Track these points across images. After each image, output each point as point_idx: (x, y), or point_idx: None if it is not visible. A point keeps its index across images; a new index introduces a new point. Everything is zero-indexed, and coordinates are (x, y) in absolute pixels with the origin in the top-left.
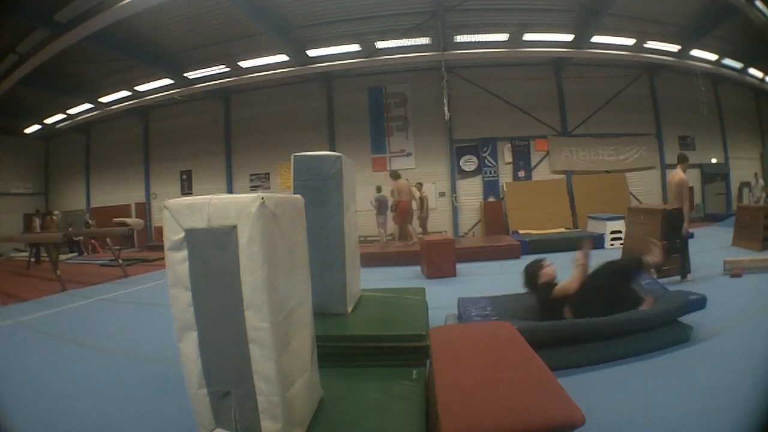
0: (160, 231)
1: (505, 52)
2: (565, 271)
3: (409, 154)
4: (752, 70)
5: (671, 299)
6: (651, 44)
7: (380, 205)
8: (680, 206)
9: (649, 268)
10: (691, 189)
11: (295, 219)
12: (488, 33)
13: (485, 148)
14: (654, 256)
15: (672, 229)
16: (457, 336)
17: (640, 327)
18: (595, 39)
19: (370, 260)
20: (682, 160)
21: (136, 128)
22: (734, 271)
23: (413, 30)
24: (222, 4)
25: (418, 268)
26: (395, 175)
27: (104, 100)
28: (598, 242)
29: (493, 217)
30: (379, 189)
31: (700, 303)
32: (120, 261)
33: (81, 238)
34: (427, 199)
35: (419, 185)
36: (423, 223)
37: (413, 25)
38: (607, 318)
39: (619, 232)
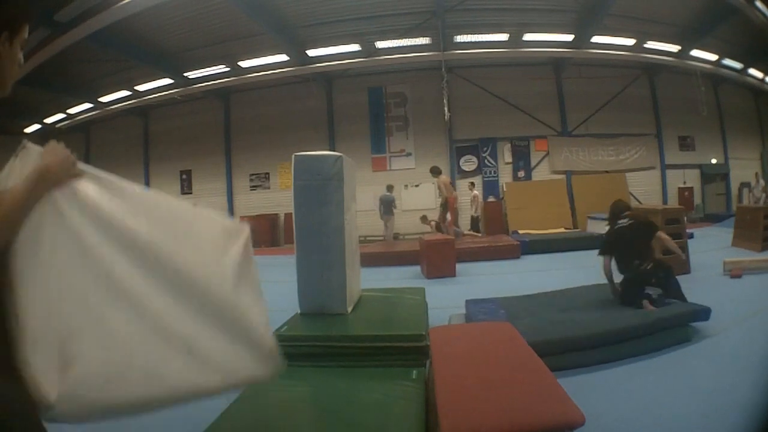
0: None
1: (505, 52)
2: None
3: (409, 154)
4: (752, 71)
5: (675, 307)
6: (651, 44)
7: (384, 205)
8: None
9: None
10: None
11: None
12: (488, 33)
13: (485, 148)
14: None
15: None
16: (456, 336)
17: (640, 333)
18: (595, 39)
19: (371, 260)
20: None
21: (136, 128)
22: (734, 271)
23: (413, 30)
24: (222, 3)
25: (418, 268)
26: (436, 171)
27: (104, 99)
28: (598, 242)
29: (493, 217)
30: (390, 188)
31: (703, 314)
32: None
33: None
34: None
35: (471, 185)
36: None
37: (413, 25)
38: (606, 323)
39: None
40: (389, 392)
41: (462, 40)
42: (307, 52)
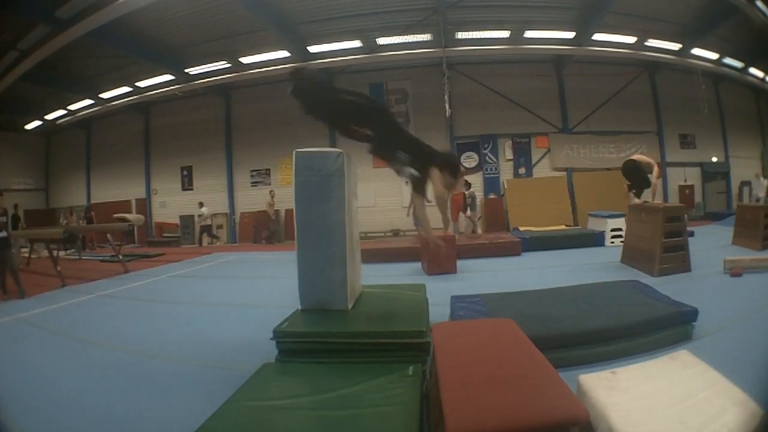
0: (160, 227)
1: (506, 49)
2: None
3: None
4: (753, 70)
5: (662, 308)
6: (652, 42)
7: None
8: None
9: None
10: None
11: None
12: (489, 30)
13: (486, 145)
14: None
15: None
16: (459, 332)
17: (628, 332)
18: (597, 36)
19: (371, 256)
20: None
21: (137, 124)
22: (734, 270)
23: (414, 26)
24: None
25: (419, 264)
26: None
27: (105, 96)
28: (598, 240)
29: (494, 214)
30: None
31: (691, 315)
32: (120, 257)
33: None
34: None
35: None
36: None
37: (414, 21)
38: (586, 322)
39: (620, 229)
40: (388, 387)
41: (463, 37)
42: (308, 48)
